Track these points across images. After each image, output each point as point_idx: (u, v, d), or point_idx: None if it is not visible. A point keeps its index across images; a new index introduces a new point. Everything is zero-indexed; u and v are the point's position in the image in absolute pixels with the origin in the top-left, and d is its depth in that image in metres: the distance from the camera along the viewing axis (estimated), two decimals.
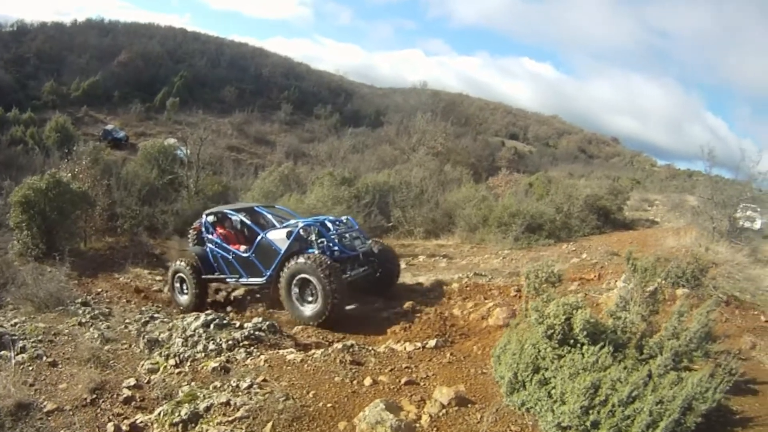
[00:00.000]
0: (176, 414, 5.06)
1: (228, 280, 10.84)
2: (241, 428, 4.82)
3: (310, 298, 8.95)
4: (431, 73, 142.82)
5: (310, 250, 9.44)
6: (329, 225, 10.27)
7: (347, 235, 10.25)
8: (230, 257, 10.53)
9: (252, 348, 6.97)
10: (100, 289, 11.82)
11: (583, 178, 28.43)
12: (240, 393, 5.38)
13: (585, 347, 4.55)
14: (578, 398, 4.21)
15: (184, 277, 10.82)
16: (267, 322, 7.73)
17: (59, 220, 13.54)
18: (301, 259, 8.95)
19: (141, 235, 16.75)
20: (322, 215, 12.22)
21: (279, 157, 41.63)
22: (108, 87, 51.90)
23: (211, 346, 6.98)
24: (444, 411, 5.03)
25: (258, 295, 11.33)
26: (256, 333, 7.36)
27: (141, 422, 5.29)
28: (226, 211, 11.51)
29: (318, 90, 68.51)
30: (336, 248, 9.75)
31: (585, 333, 4.60)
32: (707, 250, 9.97)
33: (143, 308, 10.43)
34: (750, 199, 12.21)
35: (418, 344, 7.16)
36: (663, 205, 22.55)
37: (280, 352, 6.74)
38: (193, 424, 5.00)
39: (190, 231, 12.24)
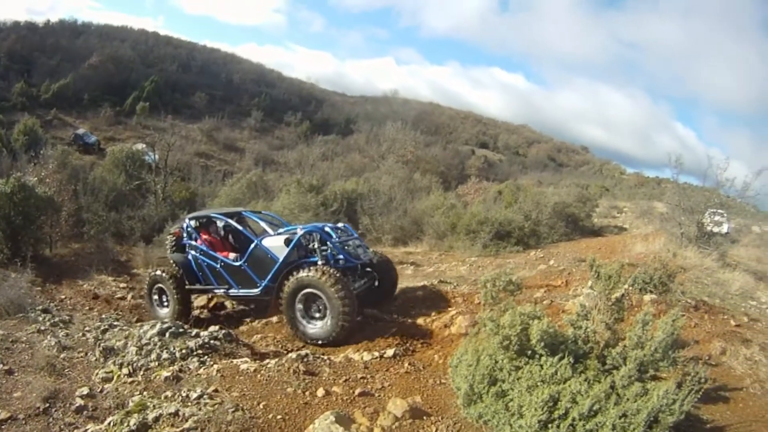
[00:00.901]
0: (125, 424, 4.83)
1: (216, 291, 10.01)
2: None
3: (317, 315, 8.16)
4: (403, 81, 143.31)
5: (312, 259, 8.74)
6: (330, 231, 9.47)
7: (350, 242, 9.53)
8: (218, 266, 9.67)
9: (206, 357, 6.74)
10: (63, 296, 11.49)
11: (552, 186, 28.44)
12: (189, 403, 5.19)
13: (543, 358, 4.32)
14: (536, 412, 4.01)
15: (164, 288, 9.98)
16: (223, 331, 7.47)
17: (24, 225, 13.20)
18: (307, 272, 8.07)
19: (107, 241, 16.35)
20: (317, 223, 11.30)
21: (248, 164, 41.38)
22: (78, 90, 50.90)
23: (165, 355, 6.75)
24: (397, 424, 4.87)
25: (252, 306, 10.79)
26: (212, 342, 7.11)
27: None
28: (212, 215, 10.63)
29: (289, 97, 68.19)
30: (341, 257, 8.98)
31: (543, 344, 4.36)
32: (675, 256, 9.91)
33: (103, 316, 10.04)
34: (718, 204, 12.20)
35: (376, 354, 6.99)
36: (631, 212, 22.62)
37: (234, 361, 6.50)
38: None
39: (168, 237, 11.30)
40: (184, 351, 6.78)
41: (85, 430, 5.14)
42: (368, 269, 9.76)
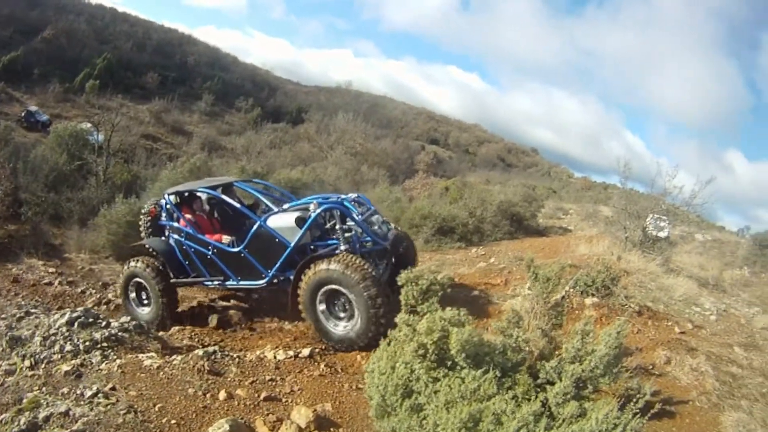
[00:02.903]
0: (15, 423, 4.38)
1: (207, 283, 8.43)
2: None
3: (342, 314, 6.87)
4: (358, 74, 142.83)
5: (330, 242, 7.38)
6: (350, 206, 7.77)
7: (373, 218, 7.99)
8: (209, 253, 8.02)
9: (110, 351, 6.08)
10: None
11: (499, 185, 28.27)
12: (82, 402, 4.71)
13: (465, 371, 3.75)
14: None
15: (145, 283, 8.35)
16: (134, 322, 6.82)
17: None
18: (329, 265, 6.66)
19: (43, 223, 15.25)
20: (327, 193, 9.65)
21: (194, 148, 40.11)
22: (29, 64, 48.61)
23: (69, 347, 6.08)
24: None
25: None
26: (120, 334, 6.43)
27: None
28: (198, 189, 8.73)
29: (242, 83, 66.86)
30: (368, 239, 7.63)
31: (465, 355, 3.78)
32: (619, 259, 9.66)
33: (22, 302, 9.11)
34: (663, 211, 12.11)
35: (291, 353, 6.41)
36: (577, 214, 22.62)
37: (139, 356, 5.94)
38: None
39: (142, 217, 9.48)
40: (88, 343, 6.15)
41: None
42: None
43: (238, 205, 8.32)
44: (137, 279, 8.45)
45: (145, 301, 8.54)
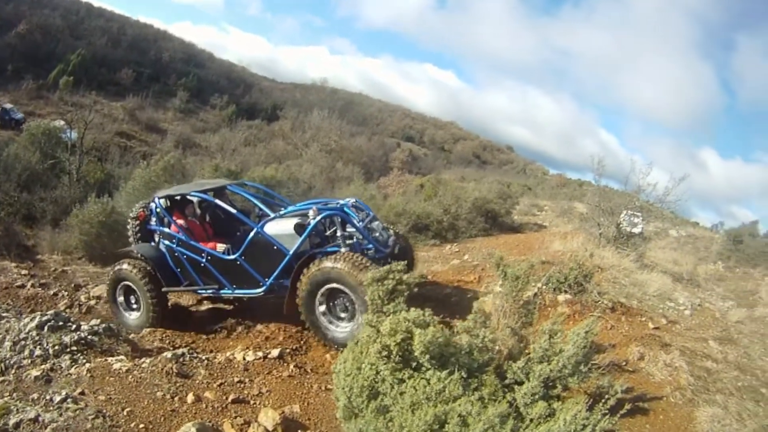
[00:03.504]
0: None
1: (200, 292, 8.06)
2: None
3: (343, 315, 6.67)
4: (334, 71, 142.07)
5: (330, 249, 7.03)
6: (350, 212, 7.51)
7: (374, 225, 7.72)
8: (203, 260, 7.64)
9: (79, 355, 6.01)
10: None
11: (474, 182, 28.31)
12: (52, 408, 4.71)
13: (430, 372, 3.65)
14: None
15: (135, 287, 7.87)
16: (104, 324, 6.68)
17: None
18: (328, 263, 6.46)
19: (15, 224, 14.81)
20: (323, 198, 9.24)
21: (169, 146, 39.62)
22: (2, 59, 47.63)
23: (38, 352, 6.00)
24: None
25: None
26: (90, 337, 6.34)
27: None
28: (191, 192, 8.30)
29: (218, 79, 66.21)
30: (369, 246, 7.32)
31: (429, 356, 3.68)
32: (592, 256, 9.60)
33: None
34: (637, 207, 12.11)
35: (260, 354, 6.33)
36: (552, 211, 22.59)
37: (108, 360, 5.87)
38: None
39: (130, 221, 8.79)
40: (57, 347, 6.07)
41: None
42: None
43: (233, 211, 7.86)
44: (126, 282, 7.98)
45: (134, 306, 8.09)
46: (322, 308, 6.65)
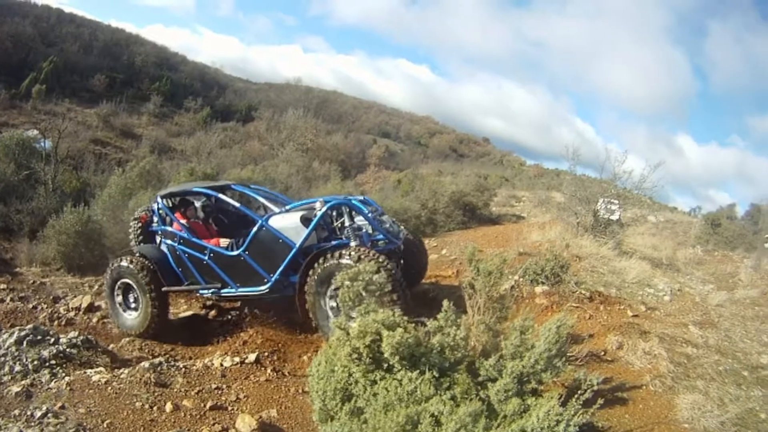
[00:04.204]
0: None
1: (202, 292, 7.73)
2: None
3: (353, 315, 5.84)
4: (308, 70, 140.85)
5: (337, 242, 6.79)
6: (359, 205, 7.20)
7: (383, 218, 7.50)
8: (205, 258, 7.39)
9: (58, 368, 6.00)
10: None
11: (451, 175, 28.29)
12: (33, 423, 4.71)
13: (401, 373, 3.60)
14: None
15: (134, 285, 7.62)
16: (82, 337, 6.60)
17: None
18: (338, 258, 6.19)
19: None
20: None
21: (144, 151, 39.23)
22: None
23: (18, 368, 5.99)
24: None
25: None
26: (68, 350, 6.31)
27: None
28: (193, 189, 8.19)
29: (191, 82, 65.41)
30: (380, 237, 7.13)
31: (399, 357, 3.64)
32: (568, 247, 9.60)
33: None
34: (614, 195, 12.11)
35: (237, 359, 6.35)
36: (530, 201, 22.60)
37: (87, 372, 5.83)
38: None
39: (132, 223, 8.66)
40: (36, 362, 6.05)
41: None
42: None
43: (237, 205, 7.66)
44: (125, 280, 7.72)
45: (133, 305, 7.80)
46: (333, 303, 6.30)
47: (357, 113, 70.48)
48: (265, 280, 7.00)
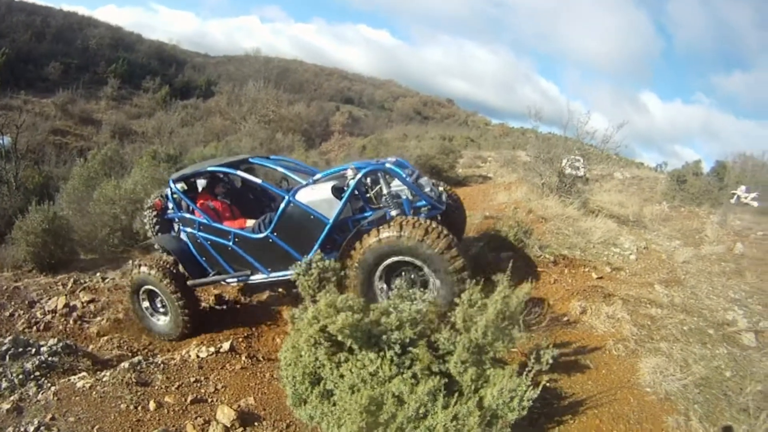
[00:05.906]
0: None
1: (229, 280, 7.02)
2: None
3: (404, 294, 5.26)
4: (266, 40, 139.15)
5: (368, 214, 6.08)
6: (395, 169, 6.30)
7: (422, 181, 6.61)
8: (229, 243, 6.73)
9: (43, 379, 5.97)
10: None
11: (416, 139, 28.07)
12: None
13: (362, 354, 3.69)
14: (356, 417, 3.41)
15: (157, 290, 7.01)
16: (61, 343, 6.54)
17: None
18: (389, 232, 5.43)
19: None
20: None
21: (105, 137, 38.43)
22: None
23: (4, 384, 5.89)
24: None
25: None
26: (50, 359, 6.27)
27: None
28: (207, 169, 7.26)
29: (148, 61, 64.17)
30: (422, 203, 6.27)
31: (355, 339, 3.68)
32: (530, 212, 9.54)
33: None
34: (580, 154, 12.04)
35: (212, 349, 6.32)
36: (496, 162, 22.56)
37: (71, 379, 5.82)
38: None
39: (146, 212, 7.92)
40: (21, 376, 5.99)
41: None
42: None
43: (258, 181, 6.87)
44: (148, 286, 7.12)
45: (161, 309, 7.28)
46: (383, 285, 5.75)
47: (318, 81, 69.92)
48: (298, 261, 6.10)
